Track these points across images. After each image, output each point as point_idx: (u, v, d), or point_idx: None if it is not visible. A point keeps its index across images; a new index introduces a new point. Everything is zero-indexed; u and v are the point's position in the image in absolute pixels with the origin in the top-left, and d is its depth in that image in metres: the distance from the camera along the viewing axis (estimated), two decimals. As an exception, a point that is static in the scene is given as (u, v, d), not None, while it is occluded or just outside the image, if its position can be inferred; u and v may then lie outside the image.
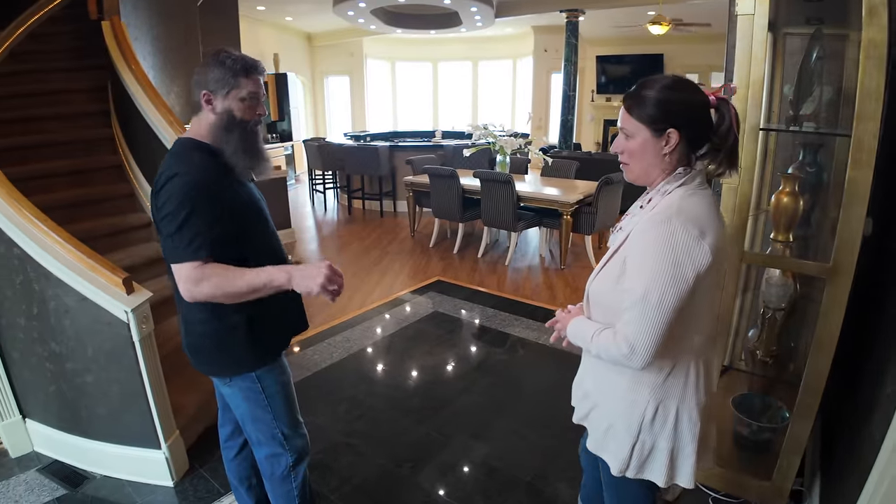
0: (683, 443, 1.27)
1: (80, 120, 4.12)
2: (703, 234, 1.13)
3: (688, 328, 1.21)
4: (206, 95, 1.46)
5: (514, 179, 5.25)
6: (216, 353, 1.58)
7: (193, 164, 1.43)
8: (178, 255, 1.39)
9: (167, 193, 1.38)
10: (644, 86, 1.21)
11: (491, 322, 4.05)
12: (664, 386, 1.25)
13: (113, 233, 3.41)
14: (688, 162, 1.24)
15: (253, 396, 1.63)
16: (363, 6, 8.34)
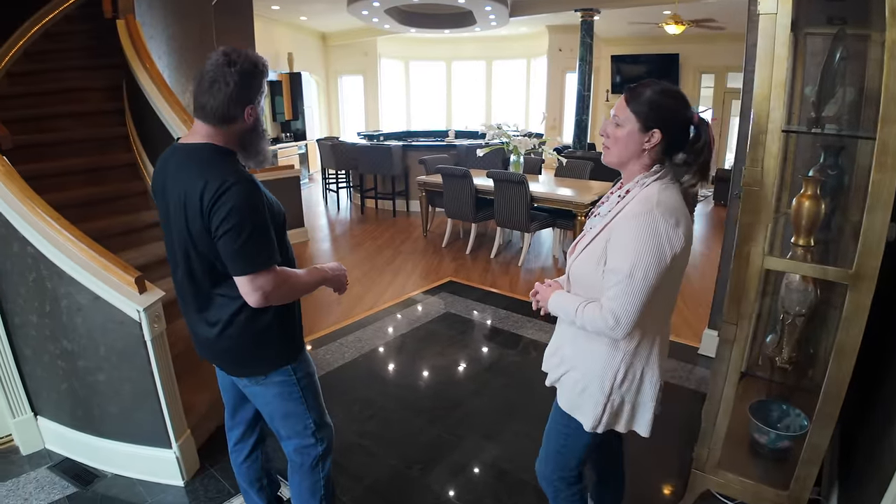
0: (644, 398, 1.49)
1: (95, 118, 4.15)
2: (678, 222, 1.32)
3: (656, 303, 1.38)
4: (252, 109, 1.44)
5: (528, 180, 5.21)
6: (254, 351, 1.58)
7: (236, 172, 1.39)
8: (254, 264, 1.39)
9: (227, 206, 1.34)
10: (646, 85, 1.37)
11: (503, 323, 4.02)
12: (635, 352, 1.45)
13: (126, 231, 3.42)
14: (661, 161, 1.41)
15: (288, 390, 1.65)
16: (377, 5, 8.33)
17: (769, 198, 1.87)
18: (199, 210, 1.36)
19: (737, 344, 2.01)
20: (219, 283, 1.49)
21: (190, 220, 1.39)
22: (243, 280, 1.41)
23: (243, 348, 1.57)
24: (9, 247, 2.29)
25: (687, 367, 3.39)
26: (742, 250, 1.94)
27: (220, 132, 1.44)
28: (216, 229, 1.36)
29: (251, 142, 1.49)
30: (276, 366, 1.62)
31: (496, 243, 5.78)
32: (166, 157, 1.50)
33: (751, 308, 1.98)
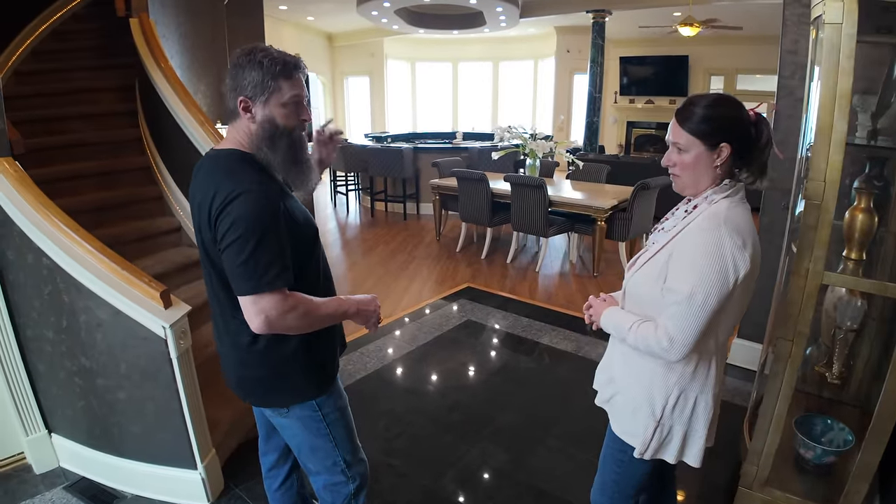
0: (697, 427, 1.41)
1: (106, 120, 4.04)
2: (745, 244, 1.24)
3: (717, 327, 1.32)
4: (244, 102, 1.29)
5: (545, 183, 5.09)
6: (275, 383, 1.44)
7: (253, 181, 1.27)
8: (258, 283, 1.23)
9: (231, 216, 1.22)
10: (694, 102, 1.31)
11: (526, 332, 3.90)
12: (690, 376, 1.37)
13: (141, 237, 3.31)
14: (731, 174, 1.33)
15: (313, 425, 1.51)
16: (388, 6, 8.23)
17: (831, 212, 1.78)
18: (208, 220, 1.27)
19: (791, 361, 1.94)
20: (235, 302, 1.33)
21: (203, 232, 1.32)
22: (245, 301, 1.26)
23: (263, 378, 1.44)
24: (23, 258, 2.17)
25: (718, 378, 3.27)
26: (800, 266, 1.86)
27: (233, 132, 1.36)
28: (220, 241, 1.25)
29: (273, 153, 1.33)
30: (297, 400, 1.48)
31: (512, 248, 5.67)
32: (199, 164, 1.40)
33: (807, 325, 1.90)
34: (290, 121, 1.34)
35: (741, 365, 3.34)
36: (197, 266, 3.35)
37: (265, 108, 1.30)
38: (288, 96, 1.31)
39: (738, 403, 2.93)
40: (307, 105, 1.39)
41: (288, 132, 1.34)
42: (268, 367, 1.42)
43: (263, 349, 1.39)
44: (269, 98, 1.29)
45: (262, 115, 1.31)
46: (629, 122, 12.63)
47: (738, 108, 1.30)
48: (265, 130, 1.32)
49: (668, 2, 8.02)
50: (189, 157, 3.21)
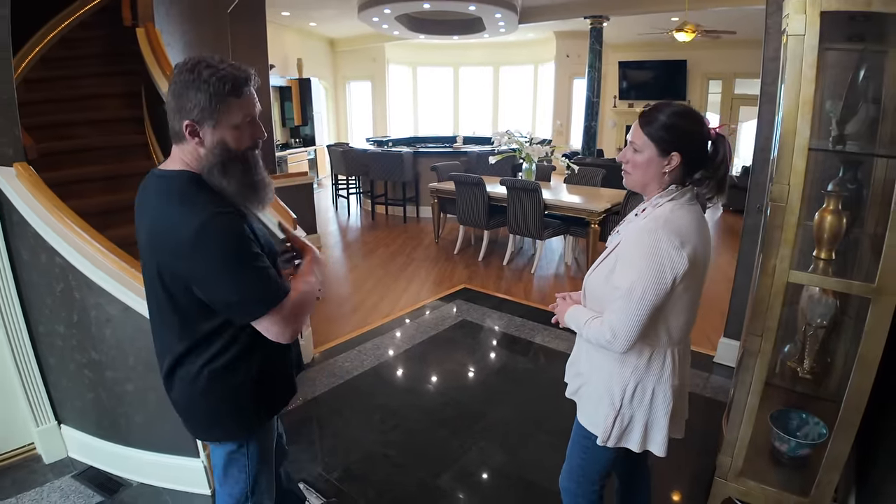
0: (657, 416, 1.49)
1: (112, 126, 4.17)
2: (683, 244, 1.33)
3: (666, 321, 1.42)
4: (190, 126, 1.19)
5: (541, 187, 5.21)
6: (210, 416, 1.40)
7: (213, 204, 1.20)
8: (270, 302, 1.23)
9: (207, 251, 1.17)
10: (659, 108, 1.39)
11: (520, 331, 4.02)
12: (644, 368, 1.46)
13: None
14: (682, 182, 1.42)
15: (236, 462, 1.48)
16: (388, 12, 8.37)
17: (795, 214, 1.89)
18: (175, 256, 1.20)
19: (761, 356, 2.04)
20: (184, 333, 1.30)
21: (161, 263, 1.24)
22: (266, 321, 1.24)
23: (194, 410, 1.39)
24: (36, 257, 2.30)
25: (703, 375, 3.38)
26: (767, 265, 1.96)
27: (180, 153, 1.26)
28: (201, 278, 1.20)
29: (226, 178, 1.24)
30: (232, 435, 1.44)
31: (508, 250, 5.79)
32: (144, 184, 1.33)
33: (775, 321, 2.00)
34: (242, 143, 1.25)
35: (727, 363, 3.44)
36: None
37: (215, 132, 1.21)
38: (240, 117, 1.22)
39: (721, 400, 3.04)
40: (260, 120, 1.29)
41: (241, 154, 1.26)
42: (202, 403, 1.37)
43: (209, 384, 1.33)
44: (219, 121, 1.20)
45: (211, 139, 1.21)
46: (628, 125, 12.70)
47: (699, 123, 1.38)
48: (216, 156, 1.22)
49: (664, 8, 8.13)
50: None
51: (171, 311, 1.28)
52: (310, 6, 9.22)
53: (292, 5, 9.02)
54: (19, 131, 2.38)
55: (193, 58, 1.20)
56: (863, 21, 2.08)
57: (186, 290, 1.23)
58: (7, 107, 2.35)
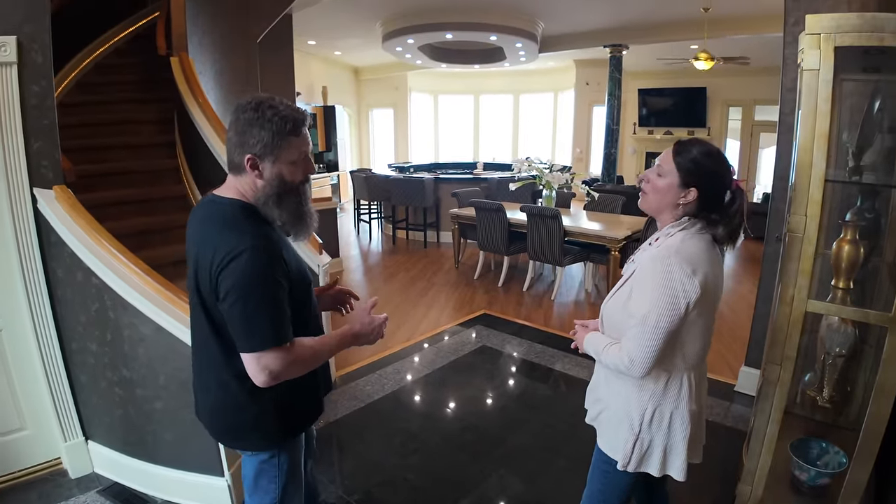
0: (675, 441, 1.51)
1: (146, 150, 4.31)
2: (695, 271, 1.37)
3: (682, 346, 1.46)
4: (252, 160, 1.31)
5: (561, 214, 5.25)
6: (243, 430, 1.49)
7: (255, 236, 1.30)
8: (262, 342, 1.28)
9: (234, 275, 1.25)
10: (693, 143, 1.46)
11: (540, 358, 4.02)
12: (662, 393, 1.49)
13: (177, 261, 3.51)
14: (693, 217, 1.47)
15: (267, 473, 1.55)
16: (412, 42, 8.57)
17: (813, 244, 1.91)
18: (209, 274, 1.29)
19: (780, 385, 2.04)
20: (223, 353, 1.39)
21: (200, 282, 1.34)
22: (249, 358, 1.30)
23: (230, 424, 1.49)
24: (72, 276, 2.39)
25: (724, 404, 3.35)
26: (786, 294, 1.97)
27: (235, 183, 1.38)
28: (223, 300, 1.28)
29: (280, 209, 1.36)
30: (261, 447, 1.53)
31: (528, 276, 5.80)
32: (196, 209, 1.46)
33: (794, 350, 2.00)
34: (297, 176, 1.37)
35: (748, 392, 3.40)
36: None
37: (274, 166, 1.32)
38: (296, 154, 1.35)
39: (741, 429, 3.01)
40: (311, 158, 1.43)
41: (295, 187, 1.37)
42: (238, 416, 1.45)
43: (247, 397, 1.41)
44: (279, 157, 1.32)
45: (270, 172, 1.32)
46: (648, 152, 12.76)
47: (725, 168, 1.44)
48: (273, 187, 1.34)
49: (682, 36, 8.21)
50: (223, 187, 3.44)
51: (210, 329, 1.38)
52: (335, 35, 9.48)
53: (318, 35, 9.28)
54: (59, 155, 2.49)
55: (256, 97, 1.32)
56: (877, 54, 2.12)
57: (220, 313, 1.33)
58: (49, 131, 2.46)
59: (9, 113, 2.27)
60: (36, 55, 2.35)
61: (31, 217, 2.36)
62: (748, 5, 7.01)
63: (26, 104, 2.33)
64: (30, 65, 2.33)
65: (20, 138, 2.31)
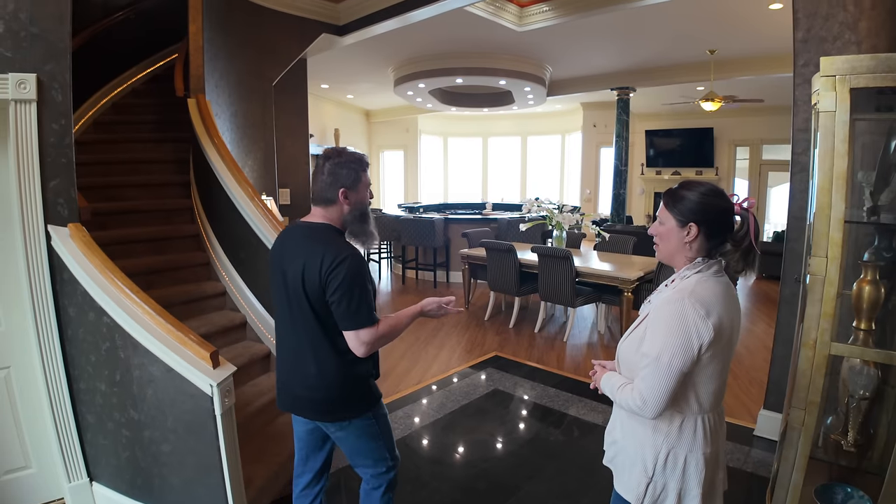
0: (690, 486, 1.48)
1: (161, 189, 4.35)
2: (709, 313, 1.38)
3: (696, 388, 1.45)
4: (344, 191, 1.78)
5: (572, 254, 5.22)
6: (348, 399, 1.85)
7: (350, 247, 1.77)
8: (361, 322, 1.72)
9: (340, 274, 1.68)
10: (681, 185, 1.52)
11: (553, 402, 3.92)
12: (676, 435, 1.48)
13: (189, 300, 3.51)
14: (707, 254, 1.49)
15: (370, 431, 1.93)
16: (423, 87, 8.73)
17: (835, 286, 1.87)
18: (318, 276, 1.69)
19: (805, 430, 1.98)
20: (327, 337, 1.77)
21: (307, 284, 1.72)
22: (351, 335, 1.74)
23: (338, 396, 1.83)
24: (84, 315, 2.37)
25: (743, 449, 3.25)
26: (808, 338, 1.93)
27: (328, 212, 1.82)
28: (332, 293, 1.69)
29: (353, 223, 1.85)
30: (362, 412, 1.89)
31: (540, 318, 5.74)
32: (287, 230, 1.91)
33: (818, 394, 1.95)
34: (367, 199, 1.87)
35: (768, 436, 3.31)
36: (238, 329, 3.54)
37: (356, 193, 1.81)
38: (367, 183, 1.85)
39: (762, 474, 2.90)
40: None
41: (367, 207, 1.87)
42: (344, 388, 1.82)
43: (343, 372, 1.81)
44: (359, 186, 1.81)
45: (354, 198, 1.81)
46: (656, 192, 12.81)
47: (717, 196, 1.46)
48: (357, 209, 1.83)
49: (689, 78, 8.33)
50: (237, 227, 3.45)
51: (315, 320, 1.76)
52: (348, 80, 9.69)
53: (332, 79, 9.49)
54: (75, 193, 2.51)
55: (335, 148, 1.84)
56: (891, 94, 2.12)
57: (325, 306, 1.73)
58: (66, 169, 2.48)
59: (27, 149, 2.29)
60: (56, 93, 2.39)
61: (45, 254, 2.37)
62: (753, 47, 7.13)
63: (44, 141, 2.36)
64: (49, 103, 2.37)
65: (37, 175, 2.33)
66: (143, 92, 5.50)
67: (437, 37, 7.04)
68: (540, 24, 6.39)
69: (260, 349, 3.43)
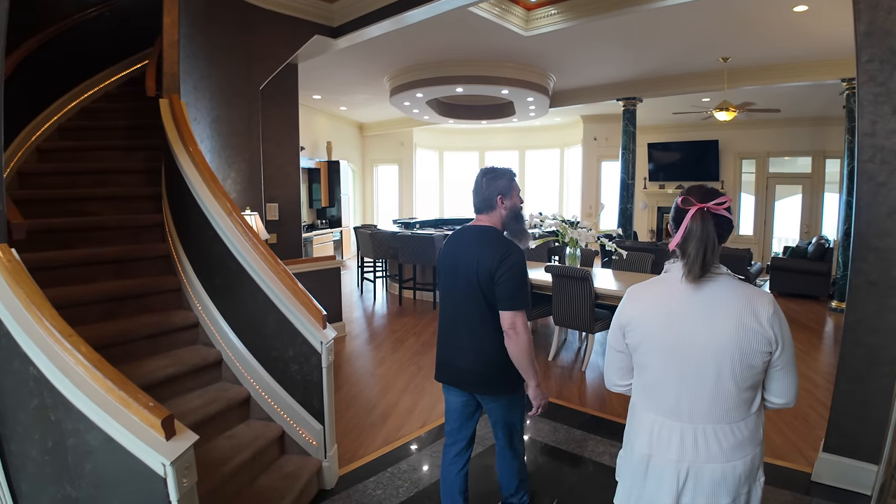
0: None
1: (130, 203, 3.85)
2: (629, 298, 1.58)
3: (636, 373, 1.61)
4: (501, 198, 2.16)
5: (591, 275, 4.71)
6: (503, 375, 2.14)
7: (513, 245, 2.12)
8: (518, 304, 2.04)
9: (507, 265, 2.04)
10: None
11: (582, 449, 3.37)
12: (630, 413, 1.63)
13: (155, 334, 3.00)
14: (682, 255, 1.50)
15: (515, 408, 2.27)
16: (420, 96, 8.28)
17: None
18: (489, 267, 2.05)
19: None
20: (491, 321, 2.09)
21: (480, 275, 2.07)
22: (508, 314, 2.04)
23: (495, 373, 2.15)
24: (8, 362, 1.85)
25: (802, 498, 2.80)
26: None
27: (490, 217, 2.18)
28: (499, 279, 2.03)
29: (511, 223, 2.20)
30: (514, 389, 2.20)
31: (554, 344, 5.21)
32: (458, 232, 2.25)
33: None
34: (518, 204, 2.21)
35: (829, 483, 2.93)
36: (212, 368, 3.02)
37: (510, 199, 2.18)
38: (518, 190, 2.21)
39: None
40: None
41: (519, 210, 2.22)
42: (499, 365, 2.12)
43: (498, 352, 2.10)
44: (512, 194, 2.18)
45: (509, 204, 2.17)
46: (659, 207, 12.43)
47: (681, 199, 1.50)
48: (512, 212, 2.19)
49: (700, 88, 7.94)
50: (213, 248, 2.94)
51: (486, 305, 2.09)
52: (342, 90, 9.23)
53: (324, 89, 9.03)
54: (4, 208, 1.99)
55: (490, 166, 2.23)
56: None
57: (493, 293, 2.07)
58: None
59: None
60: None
61: (-41, 285, 1.84)
62: (769, 54, 6.74)
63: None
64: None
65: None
66: (117, 95, 5.03)
67: (437, 43, 6.60)
68: (548, 29, 5.95)
69: (238, 393, 2.90)
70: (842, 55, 6.56)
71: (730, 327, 1.38)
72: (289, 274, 2.73)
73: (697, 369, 1.40)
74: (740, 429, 1.42)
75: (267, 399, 2.87)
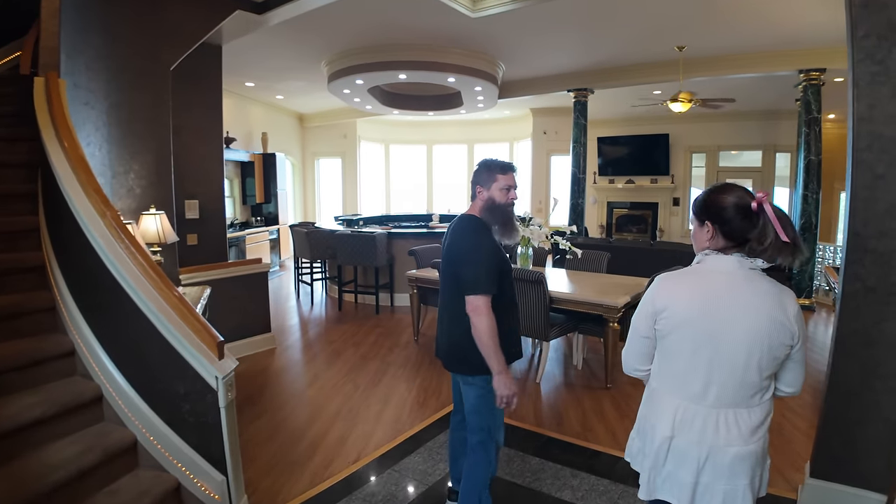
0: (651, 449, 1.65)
1: (5, 203, 3.18)
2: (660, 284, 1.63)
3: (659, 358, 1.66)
4: (479, 189, 2.29)
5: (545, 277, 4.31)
6: (469, 355, 2.18)
7: (475, 232, 2.22)
8: (477, 288, 2.11)
9: (461, 249, 2.21)
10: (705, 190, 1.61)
11: (540, 482, 2.94)
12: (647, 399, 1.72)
13: (25, 365, 2.43)
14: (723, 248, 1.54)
15: (483, 394, 2.24)
16: (360, 83, 7.71)
17: None
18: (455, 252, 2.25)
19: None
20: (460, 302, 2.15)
21: (449, 259, 2.28)
22: (469, 297, 2.12)
23: (463, 350, 2.21)
24: None
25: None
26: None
27: (472, 205, 2.32)
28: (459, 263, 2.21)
29: (486, 214, 2.26)
30: (479, 371, 2.19)
31: (505, 352, 4.78)
32: (455, 220, 2.36)
33: None
34: (502, 199, 2.27)
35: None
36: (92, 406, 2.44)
37: (488, 191, 2.27)
38: (500, 184, 2.27)
39: None
40: (514, 191, 2.32)
41: (500, 206, 2.27)
42: (468, 345, 2.16)
43: (466, 333, 2.15)
44: (491, 186, 2.27)
45: (486, 195, 2.28)
46: (609, 202, 12.27)
47: (724, 192, 1.52)
48: (487, 204, 2.27)
49: (652, 78, 7.72)
50: (84, 258, 2.35)
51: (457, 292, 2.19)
52: (277, 77, 8.56)
53: (257, 75, 8.34)
54: None
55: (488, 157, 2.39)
56: None
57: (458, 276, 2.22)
58: None
59: None
60: None
61: None
62: (727, 44, 6.53)
63: None
64: None
65: None
66: (8, 79, 4.31)
67: (378, 24, 6.07)
68: (497, 10, 5.50)
69: (122, 437, 2.34)
70: (801, 45, 6.41)
71: (763, 320, 1.45)
72: (174, 291, 2.18)
73: (729, 358, 1.47)
74: (756, 413, 1.52)
75: (156, 445, 2.32)
